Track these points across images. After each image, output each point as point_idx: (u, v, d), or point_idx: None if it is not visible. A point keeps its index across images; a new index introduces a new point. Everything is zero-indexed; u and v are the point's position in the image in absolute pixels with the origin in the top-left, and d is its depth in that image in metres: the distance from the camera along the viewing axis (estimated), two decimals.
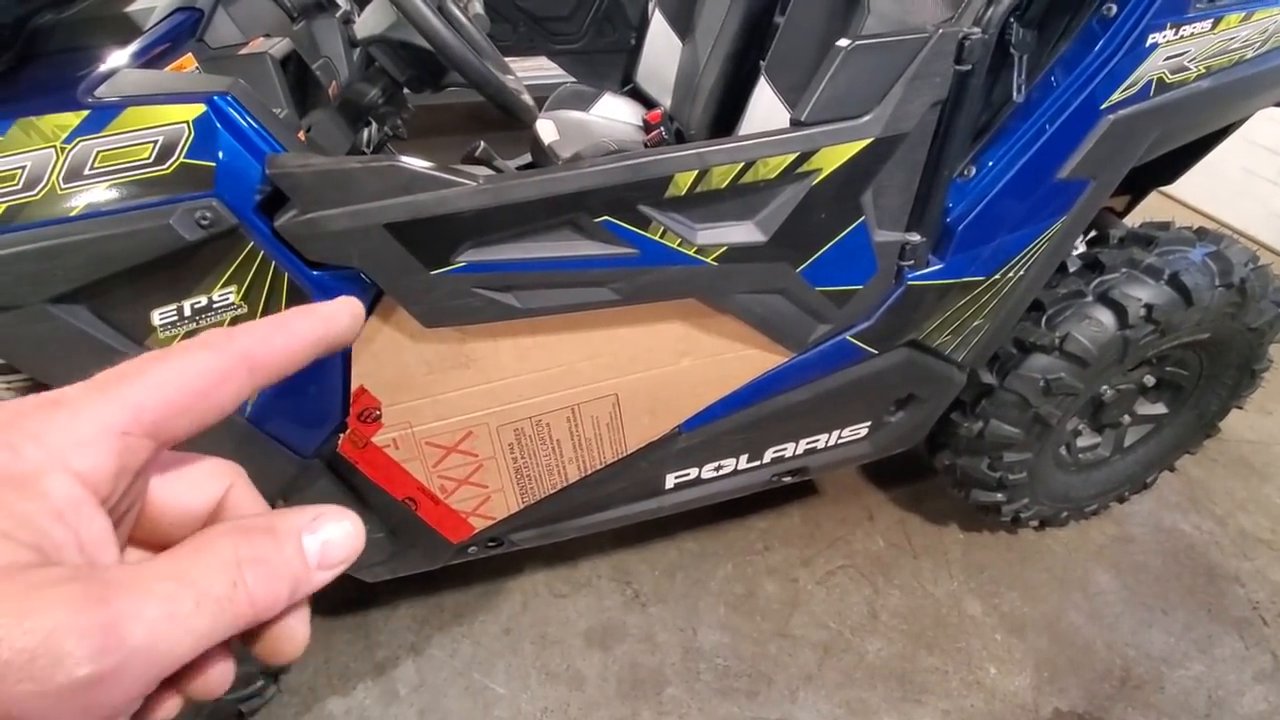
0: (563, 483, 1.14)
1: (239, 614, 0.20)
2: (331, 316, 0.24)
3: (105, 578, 0.18)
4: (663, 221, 0.89)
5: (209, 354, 0.22)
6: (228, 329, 0.23)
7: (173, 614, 0.18)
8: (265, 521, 0.22)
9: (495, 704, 1.34)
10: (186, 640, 0.18)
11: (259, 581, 0.20)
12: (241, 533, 0.21)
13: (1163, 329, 1.24)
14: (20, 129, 0.69)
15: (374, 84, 1.02)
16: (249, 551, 0.20)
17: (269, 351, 0.23)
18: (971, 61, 0.88)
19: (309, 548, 0.22)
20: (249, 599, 0.20)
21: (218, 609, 0.19)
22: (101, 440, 0.20)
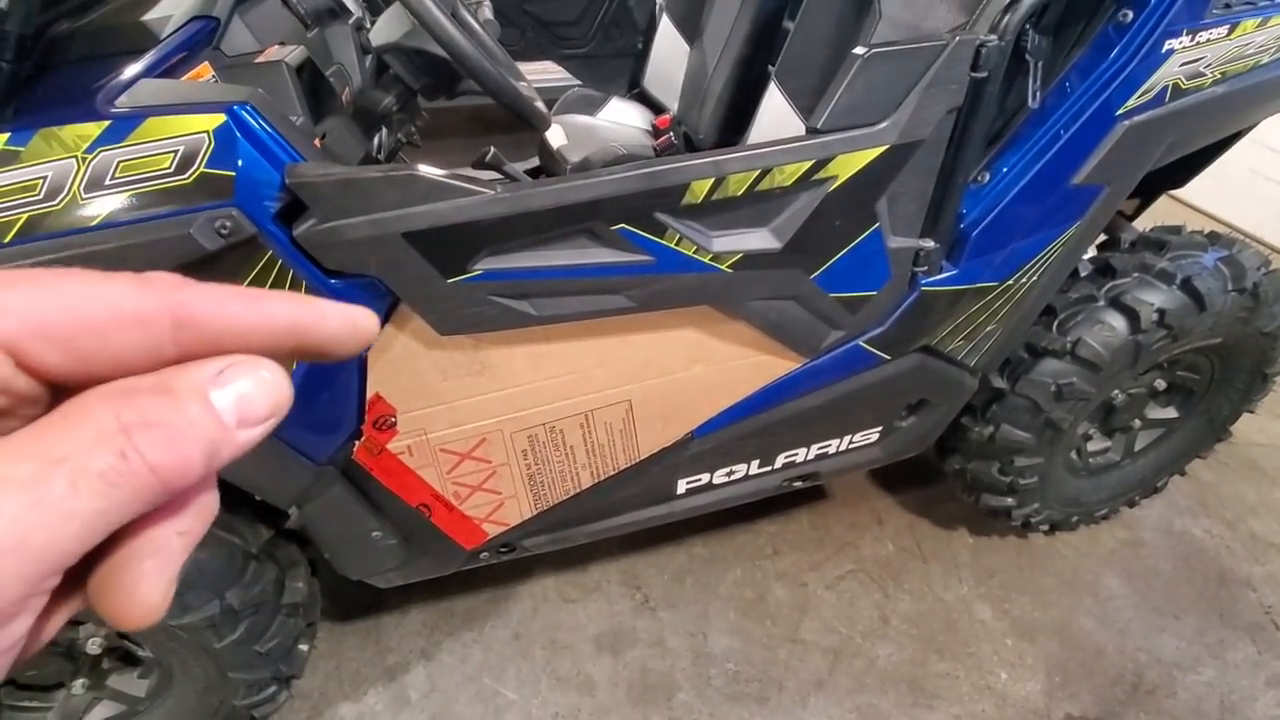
0: (576, 489, 1.14)
1: (141, 485, 0.17)
2: (322, 313, 0.20)
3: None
4: (678, 229, 0.89)
5: (136, 289, 0.18)
6: (182, 277, 0.19)
7: (39, 500, 0.15)
8: (156, 380, 0.18)
9: (506, 709, 1.33)
10: (70, 526, 0.16)
11: (157, 446, 0.17)
12: (124, 394, 0.17)
13: (1175, 334, 1.24)
14: (42, 139, 0.69)
15: (388, 91, 1.02)
16: (137, 415, 0.17)
17: (213, 314, 0.19)
18: (988, 68, 0.88)
19: (220, 404, 0.18)
20: (149, 466, 0.17)
21: (106, 485, 0.16)
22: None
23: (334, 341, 0.21)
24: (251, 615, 1.06)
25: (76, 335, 0.17)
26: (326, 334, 0.20)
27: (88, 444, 0.16)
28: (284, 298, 0.20)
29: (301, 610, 1.15)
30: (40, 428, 0.17)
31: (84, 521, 0.16)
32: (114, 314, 0.18)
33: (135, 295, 0.18)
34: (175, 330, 0.18)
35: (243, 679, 1.11)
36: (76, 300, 0.17)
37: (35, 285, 0.17)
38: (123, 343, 0.18)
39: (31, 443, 0.16)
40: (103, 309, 0.18)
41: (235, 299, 0.19)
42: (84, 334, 0.17)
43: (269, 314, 0.20)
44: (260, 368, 0.19)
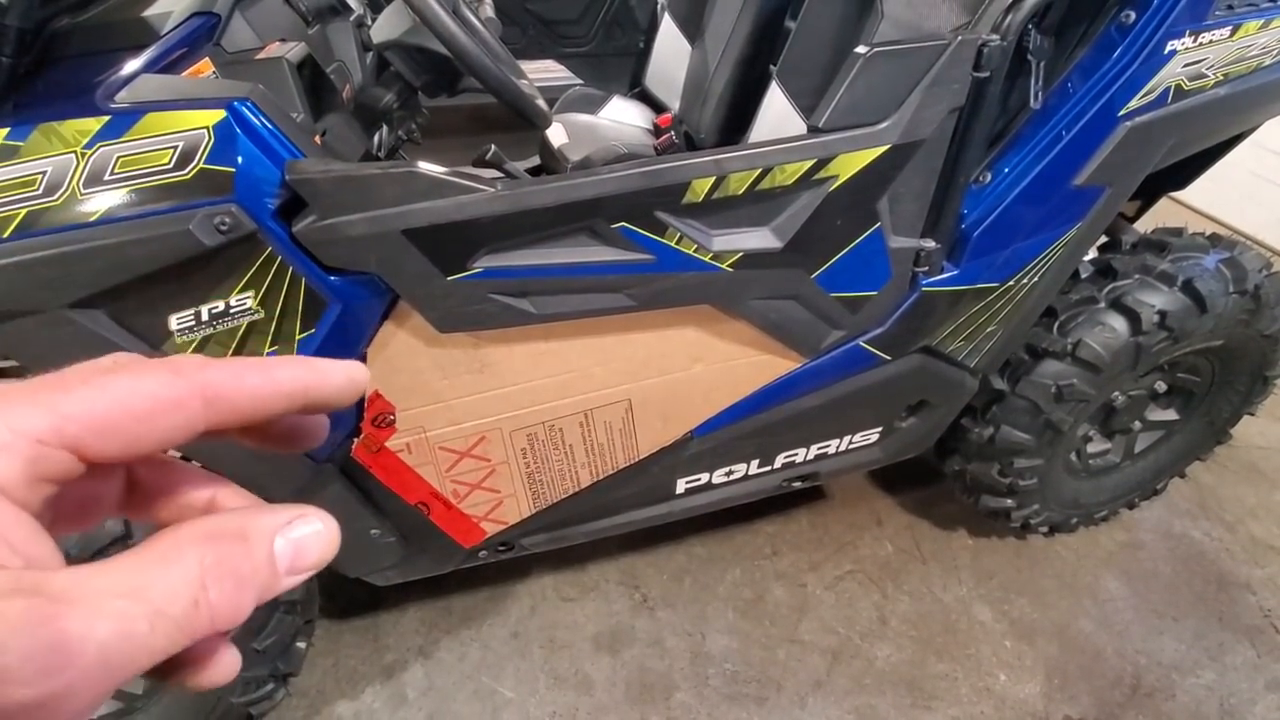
0: (575, 487, 1.14)
1: (197, 630, 0.19)
2: (324, 373, 0.23)
3: (52, 590, 0.17)
4: (679, 228, 0.89)
5: (165, 377, 0.21)
6: (203, 358, 0.22)
7: (126, 634, 0.17)
8: (238, 524, 0.20)
9: (503, 708, 1.33)
10: (141, 658, 0.18)
11: (223, 595, 0.19)
12: (212, 540, 0.20)
13: (1176, 336, 1.24)
14: (41, 134, 0.69)
15: (389, 88, 1.02)
16: (216, 562, 0.19)
17: (235, 389, 0.21)
18: (990, 68, 0.88)
19: (280, 551, 0.21)
20: (210, 615, 0.19)
21: (174, 628, 0.18)
22: (13, 445, 0.19)
23: (336, 396, 0.24)
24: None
25: (128, 427, 0.20)
26: (330, 391, 0.23)
27: (173, 588, 0.19)
28: (291, 364, 0.23)
29: (299, 608, 1.15)
30: (139, 562, 0.19)
31: (153, 655, 0.18)
32: (156, 403, 0.20)
33: (170, 384, 0.21)
34: (205, 408, 0.21)
35: (240, 676, 1.11)
36: (124, 397, 0.20)
37: (79, 386, 0.20)
38: (165, 425, 0.20)
39: (128, 576, 0.18)
40: (146, 400, 0.20)
41: (251, 373, 0.22)
42: (134, 424, 0.20)
43: (280, 381, 0.22)
44: (319, 520, 0.22)
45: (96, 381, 0.20)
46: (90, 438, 0.20)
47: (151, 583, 0.18)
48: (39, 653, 0.16)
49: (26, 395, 0.19)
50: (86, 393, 0.20)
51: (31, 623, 0.16)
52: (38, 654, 0.16)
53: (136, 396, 0.20)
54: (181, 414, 0.21)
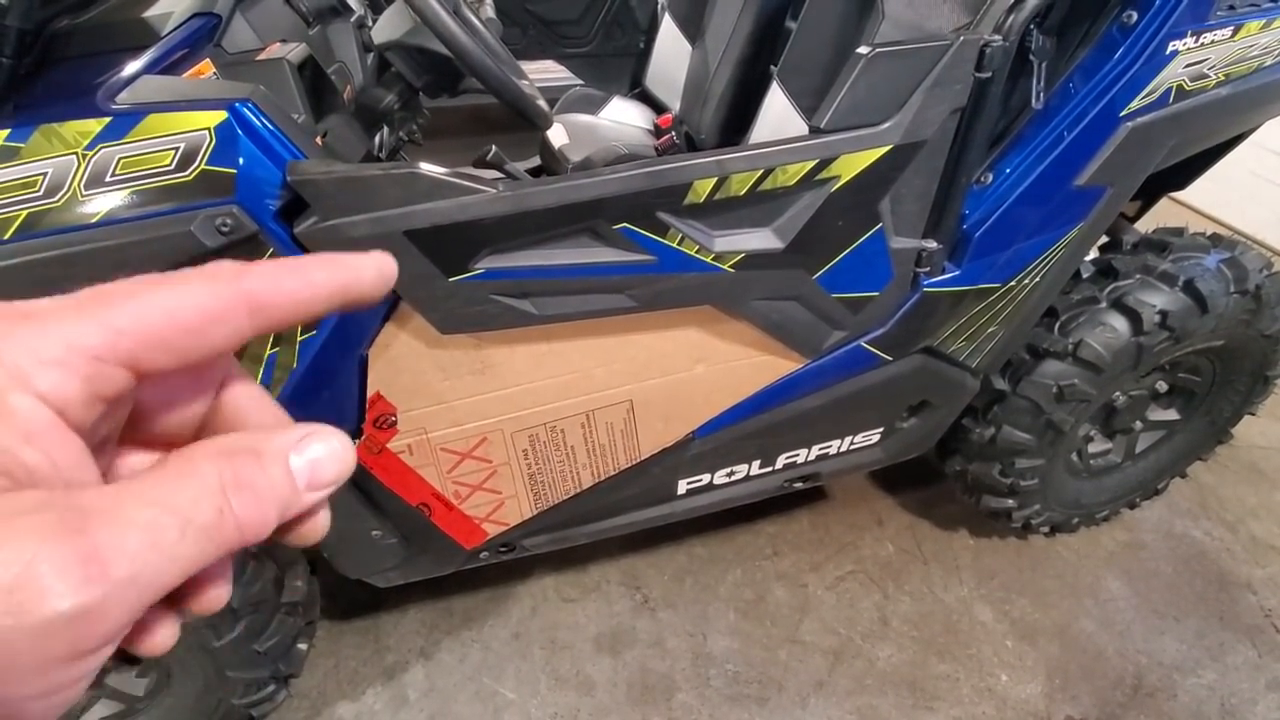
0: (576, 489, 1.14)
1: (226, 540, 0.19)
2: (356, 269, 0.22)
3: (83, 504, 0.17)
4: (681, 228, 0.89)
5: (209, 285, 0.20)
6: (238, 263, 0.21)
7: (156, 543, 0.17)
8: (250, 442, 0.21)
9: (505, 709, 1.33)
10: (172, 569, 0.18)
11: (245, 507, 0.19)
12: (226, 455, 0.20)
13: (1177, 336, 1.24)
14: (42, 135, 0.69)
15: (390, 89, 1.02)
16: (234, 476, 0.19)
17: (277, 295, 0.21)
18: (992, 69, 0.88)
19: (296, 468, 0.21)
20: (236, 524, 0.19)
21: (204, 536, 0.18)
22: (70, 362, 0.18)
23: (371, 291, 0.23)
24: (250, 614, 1.06)
25: (178, 339, 0.20)
26: (365, 286, 0.23)
27: (195, 498, 0.19)
28: (324, 263, 0.22)
29: (300, 609, 1.15)
30: (159, 477, 0.19)
31: (183, 565, 0.18)
32: (204, 315, 0.20)
33: (215, 294, 0.20)
34: (250, 317, 0.21)
35: (241, 678, 1.11)
36: (173, 309, 0.20)
37: (126, 299, 0.19)
38: (214, 336, 0.20)
39: (152, 489, 0.18)
40: (194, 312, 0.20)
41: (289, 276, 0.21)
42: (184, 337, 0.20)
43: (317, 283, 0.22)
44: (333, 438, 0.22)
45: (143, 295, 0.19)
46: (144, 352, 0.19)
47: (176, 492, 0.18)
48: (73, 564, 0.16)
49: (70, 309, 0.19)
50: (135, 306, 0.19)
51: (63, 534, 0.16)
52: (71, 565, 0.16)
53: (184, 308, 0.20)
54: (229, 324, 0.20)
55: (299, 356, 0.84)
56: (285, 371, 0.85)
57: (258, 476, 0.20)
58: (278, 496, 0.20)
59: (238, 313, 0.20)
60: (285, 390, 0.86)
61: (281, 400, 0.87)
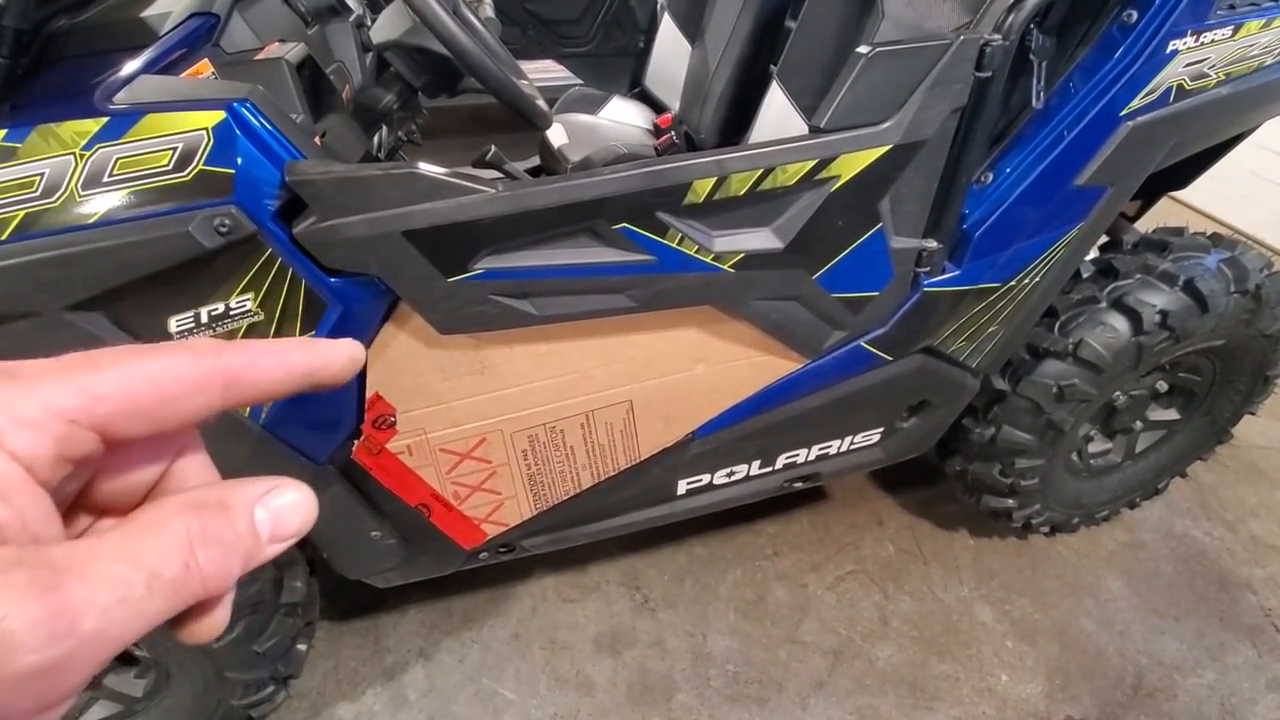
0: (576, 489, 1.14)
1: (190, 593, 0.20)
2: (328, 355, 0.24)
3: (53, 561, 0.17)
4: (680, 228, 0.88)
5: (188, 360, 0.21)
6: (218, 341, 0.22)
7: (124, 599, 0.18)
8: (217, 495, 0.21)
9: (505, 709, 1.33)
10: (137, 623, 0.18)
11: (211, 560, 0.20)
12: (195, 509, 0.20)
13: (1177, 335, 1.24)
14: (40, 135, 0.69)
15: (389, 89, 1.02)
16: (201, 530, 0.20)
17: (252, 373, 0.22)
18: (992, 68, 0.88)
19: (261, 520, 0.21)
20: (201, 579, 0.20)
21: (170, 590, 0.19)
22: (44, 423, 0.19)
23: (339, 376, 0.25)
24: (249, 615, 1.06)
25: (154, 409, 0.21)
26: (335, 370, 0.24)
27: (164, 553, 0.19)
28: (299, 346, 0.24)
29: (299, 610, 1.15)
30: (129, 532, 0.20)
31: (148, 620, 0.19)
32: (181, 386, 0.21)
33: (193, 367, 0.21)
34: (224, 391, 0.22)
35: (240, 678, 1.10)
36: (152, 378, 0.21)
37: (109, 367, 0.20)
38: (187, 407, 0.21)
39: (121, 545, 0.19)
40: (172, 383, 0.21)
41: (265, 356, 0.23)
42: (159, 406, 0.21)
43: (291, 364, 0.23)
44: (295, 490, 0.23)
45: (125, 363, 0.20)
46: (119, 418, 0.20)
47: (144, 549, 0.19)
48: (44, 619, 0.16)
49: (58, 373, 0.20)
50: (116, 374, 0.20)
51: (35, 591, 0.17)
52: (43, 621, 0.16)
53: (164, 379, 0.21)
54: (203, 396, 0.21)
55: None
56: None
57: (225, 530, 0.21)
58: (242, 549, 0.21)
59: (213, 386, 0.21)
60: None
61: (280, 401, 0.87)
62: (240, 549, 0.21)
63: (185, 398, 0.21)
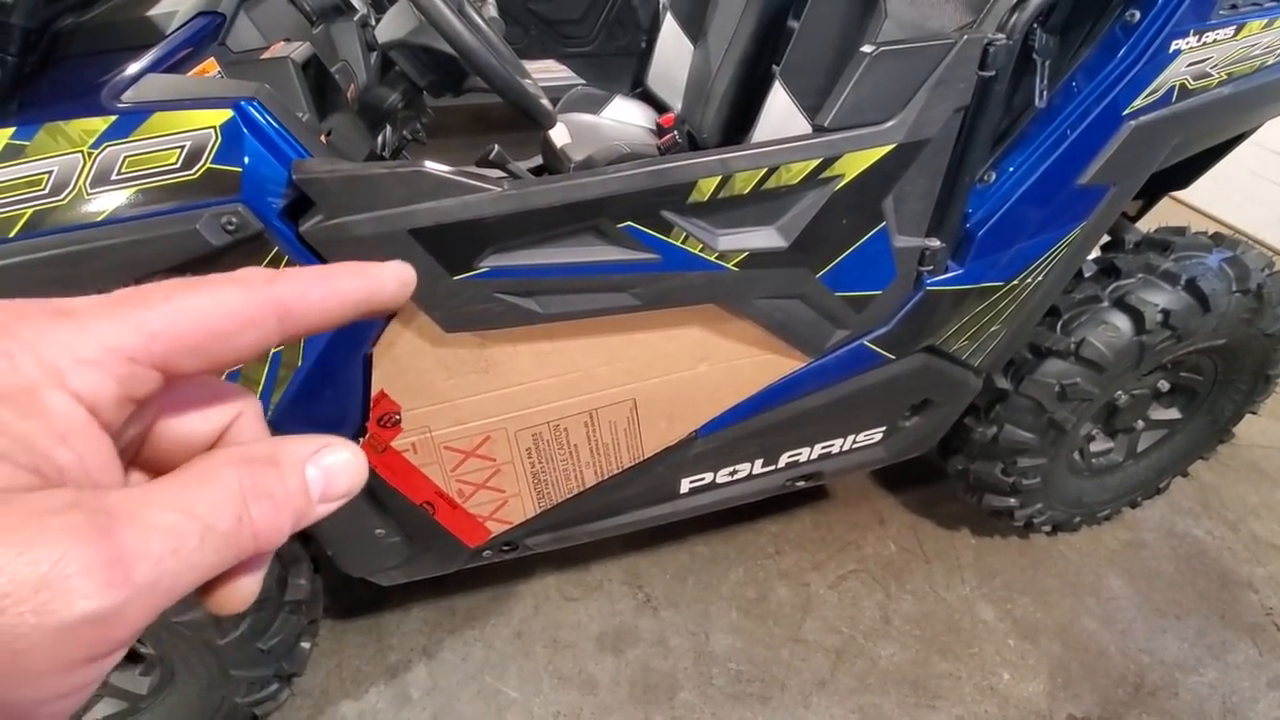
0: (579, 487, 1.14)
1: (242, 547, 0.19)
2: (378, 278, 0.23)
3: (109, 506, 0.17)
4: (685, 227, 0.89)
5: (241, 292, 0.20)
6: (268, 270, 0.21)
7: (177, 549, 0.17)
8: (269, 450, 0.21)
9: (508, 707, 1.33)
10: (190, 575, 0.18)
11: (263, 515, 0.19)
12: (246, 463, 0.20)
13: (1179, 335, 1.24)
14: (47, 134, 0.69)
15: (394, 88, 1.02)
16: (253, 483, 0.20)
17: (305, 303, 0.21)
18: (995, 67, 0.88)
19: (312, 479, 0.21)
20: (253, 533, 0.19)
21: (223, 543, 0.19)
22: (106, 362, 0.18)
23: (393, 300, 0.24)
24: (254, 612, 1.06)
25: (209, 344, 0.20)
26: (387, 295, 0.23)
27: (217, 504, 0.19)
28: (349, 272, 0.23)
29: (304, 607, 1.15)
30: (183, 481, 0.19)
31: (200, 572, 0.18)
32: (235, 321, 0.20)
33: (246, 301, 0.20)
34: (279, 324, 0.21)
35: (244, 676, 1.11)
36: (206, 313, 0.20)
37: (161, 302, 0.20)
38: (243, 341, 0.21)
39: (176, 494, 0.19)
40: (226, 318, 0.20)
41: (316, 285, 0.22)
42: (215, 342, 0.20)
43: (343, 292, 0.22)
44: (346, 449, 0.22)
45: (177, 298, 0.20)
46: (176, 355, 0.19)
47: (197, 499, 0.19)
48: (100, 565, 0.16)
49: (106, 308, 0.19)
50: (169, 309, 0.19)
51: (93, 534, 0.16)
52: (99, 566, 0.16)
53: (217, 313, 0.20)
54: (258, 330, 0.21)
55: (304, 354, 0.84)
56: (290, 370, 0.85)
57: (276, 485, 0.20)
58: (294, 506, 0.21)
59: (267, 319, 0.21)
60: (290, 388, 0.86)
61: (287, 398, 0.87)
62: (291, 505, 0.20)
63: (240, 331, 0.20)
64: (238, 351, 0.20)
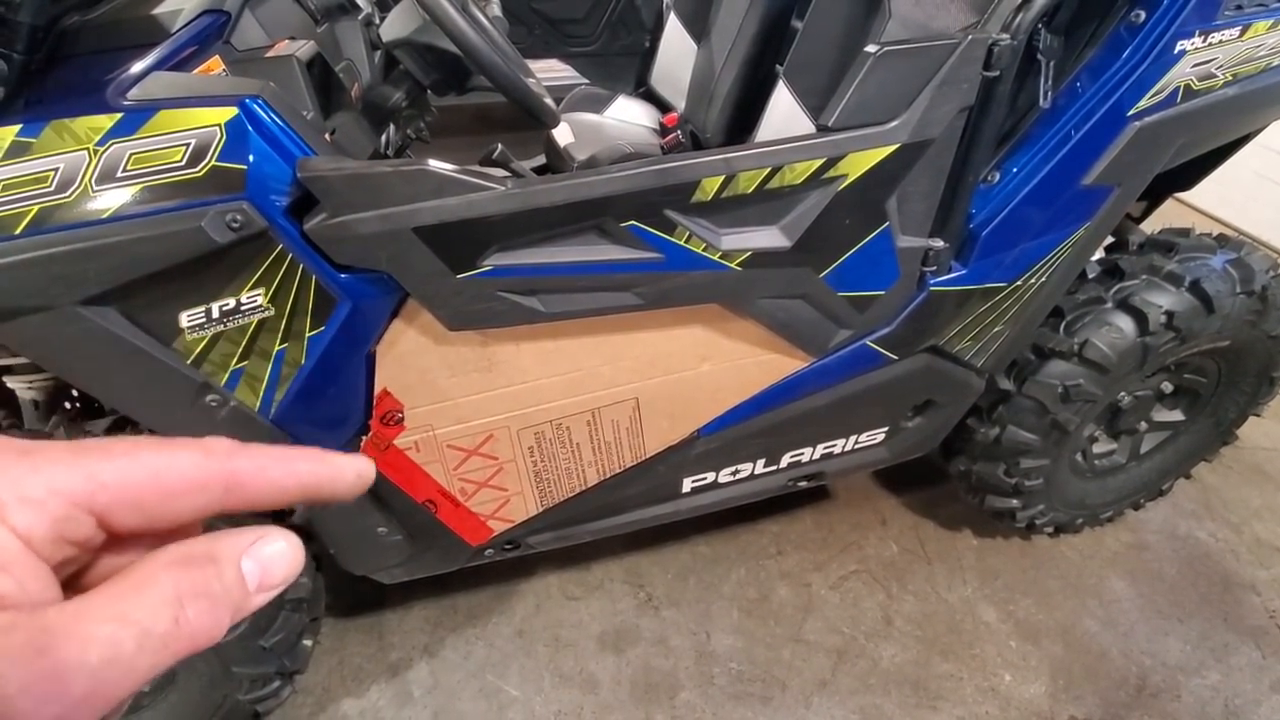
0: (581, 486, 1.14)
1: (179, 649, 0.20)
2: (338, 468, 0.24)
3: (47, 624, 0.18)
4: (688, 226, 0.89)
5: (197, 458, 0.22)
6: (234, 443, 0.22)
7: (115, 658, 0.18)
8: (205, 548, 0.21)
9: (509, 706, 1.33)
10: (128, 681, 0.18)
11: (200, 614, 0.20)
12: (182, 564, 0.21)
13: (1183, 336, 1.24)
14: (54, 131, 0.69)
15: (398, 87, 1.02)
16: (190, 584, 0.20)
17: (258, 481, 0.22)
18: (1000, 67, 0.88)
19: (248, 571, 0.22)
20: (190, 633, 0.20)
21: (160, 645, 0.19)
22: (47, 503, 0.19)
23: (347, 492, 0.25)
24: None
25: (155, 503, 0.21)
26: (341, 487, 0.24)
27: (153, 609, 0.19)
28: (308, 457, 0.24)
29: (305, 605, 1.15)
30: (118, 591, 0.20)
31: (138, 676, 0.19)
32: (185, 483, 0.21)
33: (201, 466, 0.21)
34: (225, 493, 0.22)
35: (246, 674, 1.11)
36: (159, 472, 0.21)
37: (120, 456, 0.21)
38: (187, 505, 0.21)
39: (112, 604, 0.19)
40: (177, 479, 0.21)
41: (275, 464, 0.23)
42: (160, 501, 0.21)
43: (299, 474, 0.23)
44: (281, 539, 0.22)
45: (135, 454, 0.21)
46: (118, 509, 0.21)
47: (134, 606, 0.19)
48: (37, 682, 0.17)
49: (66, 455, 0.20)
50: (124, 463, 0.21)
51: (29, 654, 0.17)
52: (36, 683, 0.17)
53: (169, 474, 0.21)
54: (204, 496, 0.22)
55: (308, 352, 0.84)
56: (294, 367, 0.85)
57: (213, 582, 0.21)
58: (231, 601, 0.21)
59: (215, 487, 0.22)
60: (294, 386, 0.86)
61: (290, 396, 0.87)
62: (229, 601, 0.21)
63: (185, 495, 0.21)
64: (177, 514, 0.21)
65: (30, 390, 0.97)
